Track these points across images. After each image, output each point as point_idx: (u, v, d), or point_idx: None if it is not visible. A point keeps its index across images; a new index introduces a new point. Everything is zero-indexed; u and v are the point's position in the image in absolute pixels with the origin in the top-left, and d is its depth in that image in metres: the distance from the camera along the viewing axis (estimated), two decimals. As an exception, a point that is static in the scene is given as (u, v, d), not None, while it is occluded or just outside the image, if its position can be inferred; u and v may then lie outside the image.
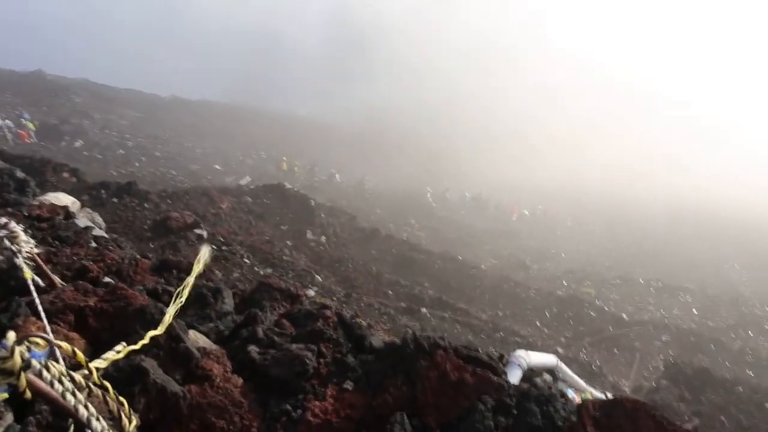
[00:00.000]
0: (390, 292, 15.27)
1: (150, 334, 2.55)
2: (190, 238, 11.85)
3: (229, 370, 3.24)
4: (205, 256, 3.35)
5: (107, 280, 4.12)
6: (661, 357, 15.81)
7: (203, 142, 44.39)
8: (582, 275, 27.25)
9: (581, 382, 6.47)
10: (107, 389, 1.96)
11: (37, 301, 2.75)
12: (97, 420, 1.79)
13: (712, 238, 37.45)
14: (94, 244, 5.18)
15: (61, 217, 5.92)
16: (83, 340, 2.90)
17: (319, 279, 13.35)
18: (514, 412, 3.27)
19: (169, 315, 2.78)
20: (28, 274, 3.16)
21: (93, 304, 3.23)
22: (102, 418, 1.80)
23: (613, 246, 35.73)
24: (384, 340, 4.11)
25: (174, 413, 2.74)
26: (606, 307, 20.80)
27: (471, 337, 13.26)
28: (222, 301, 4.20)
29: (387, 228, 26.65)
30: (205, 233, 12.58)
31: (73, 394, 1.74)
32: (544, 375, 5.82)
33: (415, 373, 3.47)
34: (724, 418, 9.69)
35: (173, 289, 4.12)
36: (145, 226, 12.03)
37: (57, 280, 3.68)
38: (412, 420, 3.17)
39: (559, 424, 3.24)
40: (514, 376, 4.51)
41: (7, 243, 3.19)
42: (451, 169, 54.02)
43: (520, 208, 42.53)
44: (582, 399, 4.04)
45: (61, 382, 1.71)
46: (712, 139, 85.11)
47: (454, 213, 39.14)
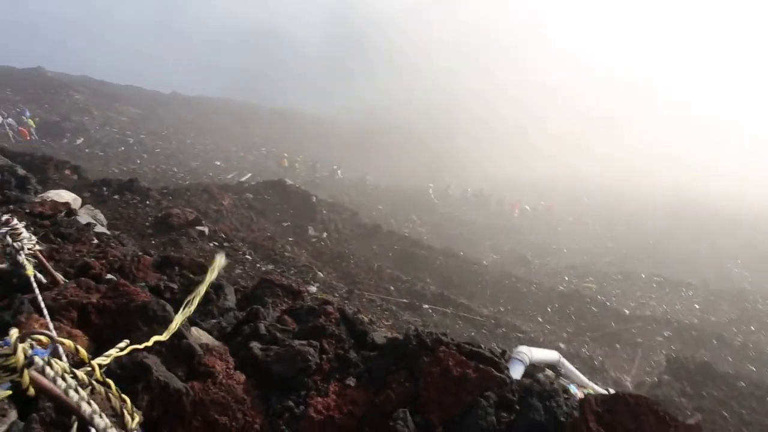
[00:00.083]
0: (391, 287, 15.27)
1: (154, 339, 2.54)
2: (191, 235, 11.86)
3: (231, 367, 3.23)
4: (220, 264, 3.28)
5: (109, 276, 4.12)
6: (663, 352, 15.81)
7: (204, 139, 44.38)
8: (583, 270, 27.23)
9: (583, 378, 6.47)
10: (110, 386, 1.95)
11: (39, 297, 2.75)
12: (100, 417, 1.79)
13: (714, 233, 37.39)
14: (96, 241, 5.18)
15: (62, 214, 5.92)
16: (86, 337, 2.90)
17: (321, 275, 13.35)
18: (517, 407, 3.26)
19: (176, 323, 2.76)
20: (30, 270, 3.16)
21: (95, 300, 3.23)
22: (105, 415, 1.80)
23: (615, 241, 35.70)
24: (386, 336, 4.11)
25: (177, 410, 2.74)
26: (608, 303, 20.81)
27: (473, 333, 13.26)
28: (224, 298, 4.20)
29: (388, 224, 26.67)
30: (206, 230, 12.58)
31: (75, 391, 1.73)
32: (546, 371, 5.82)
33: (418, 369, 3.47)
34: (725, 413, 9.70)
35: (175, 286, 4.12)
36: (147, 223, 12.03)
37: (59, 276, 3.68)
38: (414, 416, 3.17)
39: (562, 419, 3.23)
40: (517, 372, 4.51)
41: (9, 240, 3.19)
42: (452, 166, 54.02)
43: (522, 204, 42.50)
44: (584, 394, 4.04)
45: (63, 379, 1.71)
46: (712, 135, 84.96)
47: (456, 209, 39.13)
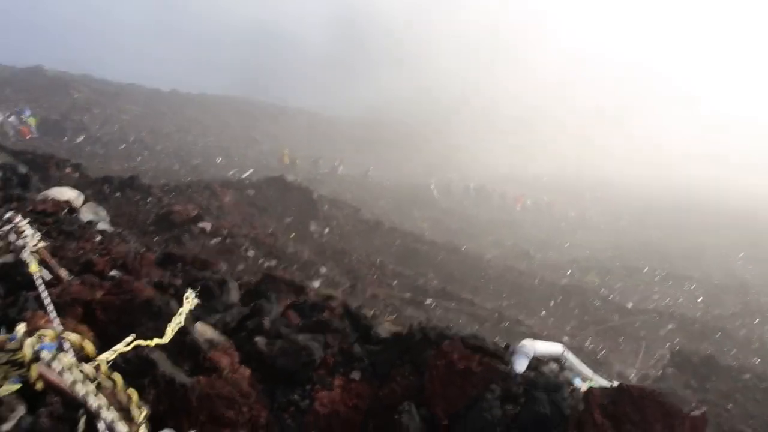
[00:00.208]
0: (394, 283, 15.27)
1: (155, 341, 2.57)
2: (193, 232, 11.87)
3: (236, 361, 3.24)
4: (192, 303, 3.27)
5: (113, 273, 4.13)
6: (667, 345, 15.80)
7: (204, 136, 44.35)
8: (586, 265, 27.19)
9: (588, 371, 6.45)
10: (116, 381, 1.96)
11: (44, 294, 2.75)
12: (107, 410, 1.79)
13: (717, 226, 37.31)
14: (99, 238, 5.19)
15: (65, 211, 5.93)
16: (91, 333, 2.91)
17: (323, 271, 13.37)
18: (522, 400, 3.27)
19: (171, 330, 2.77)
20: (35, 268, 3.16)
21: (100, 297, 3.23)
22: (112, 409, 1.80)
23: (618, 235, 35.64)
24: (390, 330, 4.11)
25: (183, 404, 2.75)
26: (611, 297, 20.78)
27: (476, 328, 13.27)
28: (228, 293, 4.21)
29: (390, 220, 26.64)
30: (208, 226, 12.59)
31: (82, 385, 1.74)
32: (551, 364, 5.81)
33: (423, 363, 3.47)
34: (730, 406, 9.70)
35: (178, 282, 4.13)
36: (149, 220, 12.05)
37: (63, 273, 3.68)
38: (419, 410, 3.17)
39: (567, 412, 3.23)
40: (521, 365, 4.50)
41: (13, 237, 3.19)
42: (454, 161, 53.95)
43: (525, 198, 42.44)
44: (589, 387, 4.03)
45: (70, 373, 1.71)
46: (717, 128, 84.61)
47: (458, 204, 39.08)
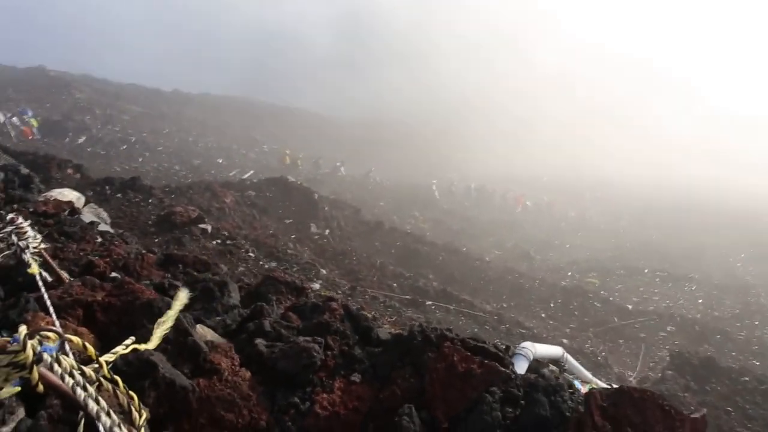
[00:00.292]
0: (394, 284, 15.28)
1: (154, 342, 2.58)
2: (194, 233, 11.87)
3: (236, 364, 3.24)
4: (183, 300, 3.21)
5: (114, 275, 4.14)
6: (667, 347, 15.78)
7: (205, 137, 44.38)
8: (586, 266, 27.20)
9: (587, 374, 6.47)
10: (117, 383, 1.96)
11: (45, 296, 2.76)
12: (108, 414, 1.79)
13: (717, 226, 37.27)
14: (100, 240, 5.19)
15: (66, 213, 5.94)
16: (92, 335, 2.91)
17: (324, 272, 13.37)
18: (522, 402, 3.27)
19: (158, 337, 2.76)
20: (36, 269, 3.17)
21: (101, 299, 3.24)
22: (113, 412, 1.80)
23: (618, 236, 35.64)
24: (391, 332, 4.11)
25: (183, 407, 2.75)
26: (611, 298, 20.77)
27: (476, 329, 13.27)
28: (228, 295, 4.20)
29: (391, 220, 26.66)
30: (209, 228, 12.59)
31: (84, 388, 1.74)
32: (550, 366, 5.82)
33: (423, 365, 3.47)
34: (730, 408, 9.69)
35: (179, 284, 4.13)
36: (150, 222, 12.05)
37: (64, 275, 3.69)
38: (420, 412, 3.17)
39: (567, 414, 3.23)
40: (521, 367, 4.51)
41: (14, 239, 3.20)
42: (455, 161, 53.96)
43: (524, 199, 42.43)
44: (589, 389, 4.04)
45: (72, 376, 1.71)
46: (718, 127, 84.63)
47: (458, 204, 39.09)
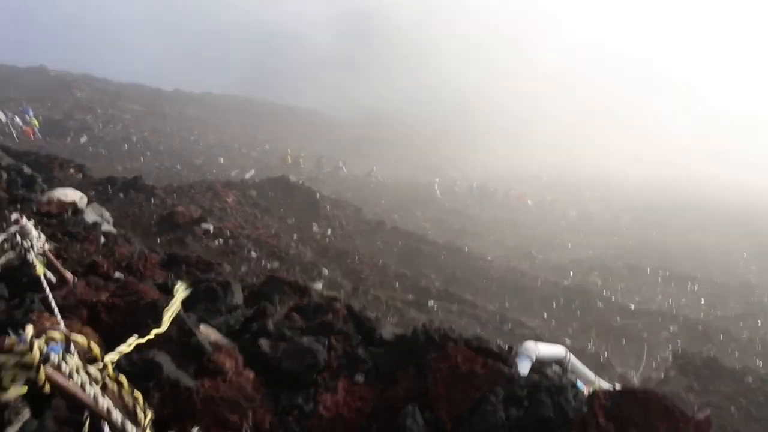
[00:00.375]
0: (397, 284, 15.27)
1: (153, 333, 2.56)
2: (197, 233, 11.89)
3: (240, 364, 3.25)
4: (183, 294, 3.15)
5: (117, 275, 4.14)
6: (669, 347, 15.75)
7: (207, 136, 44.41)
8: (588, 265, 27.11)
9: (590, 374, 6.45)
10: (122, 384, 1.96)
11: (50, 296, 2.76)
12: (114, 413, 1.80)
13: (719, 226, 37.19)
14: (103, 240, 5.20)
15: (70, 213, 5.95)
16: (96, 335, 2.91)
17: (326, 272, 13.37)
18: (526, 403, 3.26)
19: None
20: (41, 269, 3.17)
21: (105, 299, 3.24)
22: (118, 412, 1.81)
23: (620, 235, 35.55)
24: (394, 332, 4.12)
25: (187, 407, 2.75)
26: (613, 297, 20.71)
27: (478, 329, 13.25)
28: (231, 296, 4.21)
29: (392, 219, 26.64)
30: (211, 227, 12.61)
31: (90, 388, 1.74)
32: (553, 366, 5.81)
33: (426, 365, 3.47)
34: (733, 409, 9.65)
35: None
36: (152, 222, 12.07)
37: (68, 275, 3.70)
38: (423, 412, 3.17)
39: (571, 414, 3.23)
40: (524, 368, 4.51)
41: (19, 239, 3.20)
42: (457, 160, 53.92)
43: (526, 197, 42.37)
44: (592, 390, 4.04)
45: (78, 376, 1.71)
46: (719, 126, 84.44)
47: (460, 203, 39.04)
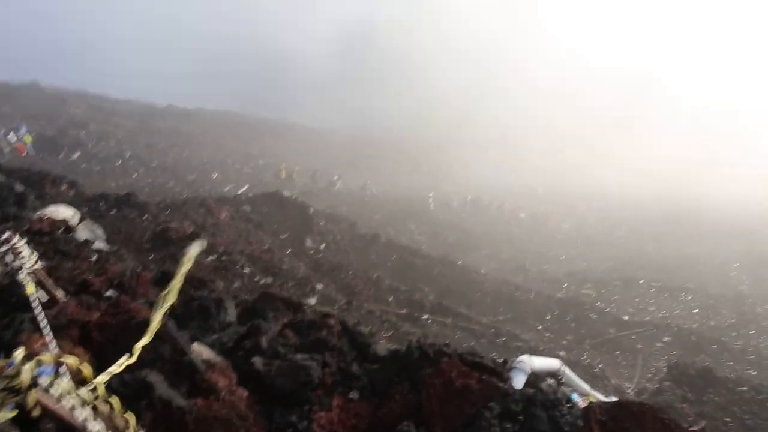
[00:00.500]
0: (390, 298, 15.23)
1: (140, 344, 2.54)
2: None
3: (234, 382, 3.22)
4: (195, 252, 3.09)
5: (109, 293, 4.11)
6: (664, 358, 15.76)
7: (200, 152, 44.36)
8: (582, 277, 27.16)
9: (585, 386, 6.45)
10: (113, 405, 1.95)
11: (40, 317, 2.74)
12: (106, 437, 1.78)
13: (711, 237, 37.43)
14: (95, 258, 5.17)
15: (61, 230, 5.91)
16: (88, 355, 2.89)
17: (319, 287, 13.31)
18: (521, 418, 3.25)
19: (156, 321, 2.73)
20: (31, 289, 3.14)
21: (96, 318, 3.22)
22: (110, 435, 1.79)
23: (613, 247, 35.68)
24: (388, 348, 4.10)
25: (180, 427, 2.73)
26: (607, 309, 20.74)
27: (472, 343, 13.22)
28: (225, 313, 4.19)
29: (387, 233, 26.63)
30: (204, 243, 12.54)
31: (80, 411, 1.73)
32: (548, 379, 5.80)
33: (421, 381, 3.46)
34: (727, 419, 9.66)
35: (176, 302, 4.11)
36: (145, 238, 11.99)
37: (59, 294, 3.66)
38: (418, 428, 3.16)
39: (566, 429, 3.22)
40: (519, 382, 4.50)
41: (9, 258, 3.18)
42: (451, 174, 54.14)
43: (519, 210, 42.54)
44: (587, 403, 4.03)
45: (68, 399, 1.70)
46: (711, 137, 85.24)
47: (454, 216, 39.10)
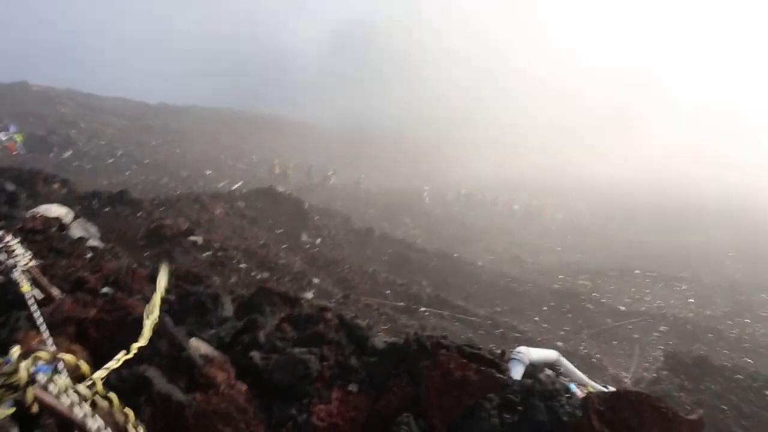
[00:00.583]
0: (387, 291, 15.25)
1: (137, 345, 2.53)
2: (184, 245, 11.77)
3: (232, 377, 3.22)
4: (165, 275, 3.09)
5: (105, 290, 4.09)
6: (660, 347, 15.87)
7: (193, 148, 44.16)
8: (577, 268, 27.29)
9: (583, 377, 6.47)
10: (112, 401, 1.93)
11: (36, 314, 2.72)
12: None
13: (705, 227, 37.66)
14: (89, 255, 5.14)
15: (55, 228, 5.87)
16: (85, 352, 2.87)
17: (316, 281, 13.32)
18: (520, 408, 3.26)
19: (148, 328, 2.72)
20: (26, 287, 3.12)
21: (93, 315, 3.20)
22: (109, 430, 1.78)
23: (608, 238, 35.86)
24: (386, 341, 4.10)
25: (179, 423, 2.72)
26: (603, 300, 20.86)
27: (470, 335, 13.26)
28: (222, 308, 4.18)
29: (382, 227, 26.64)
30: (199, 240, 12.49)
31: (79, 407, 1.72)
32: (546, 370, 5.82)
33: (419, 373, 3.46)
34: (724, 407, 9.73)
35: (172, 298, 4.09)
36: (139, 235, 11.93)
37: (54, 292, 3.64)
38: (417, 420, 3.16)
39: (565, 419, 3.23)
40: (517, 373, 4.51)
41: (3, 257, 3.15)
42: (446, 168, 54.19)
43: (512, 203, 42.68)
44: (585, 393, 4.04)
45: (66, 395, 1.69)
46: (702, 127, 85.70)
47: (450, 210, 39.17)
